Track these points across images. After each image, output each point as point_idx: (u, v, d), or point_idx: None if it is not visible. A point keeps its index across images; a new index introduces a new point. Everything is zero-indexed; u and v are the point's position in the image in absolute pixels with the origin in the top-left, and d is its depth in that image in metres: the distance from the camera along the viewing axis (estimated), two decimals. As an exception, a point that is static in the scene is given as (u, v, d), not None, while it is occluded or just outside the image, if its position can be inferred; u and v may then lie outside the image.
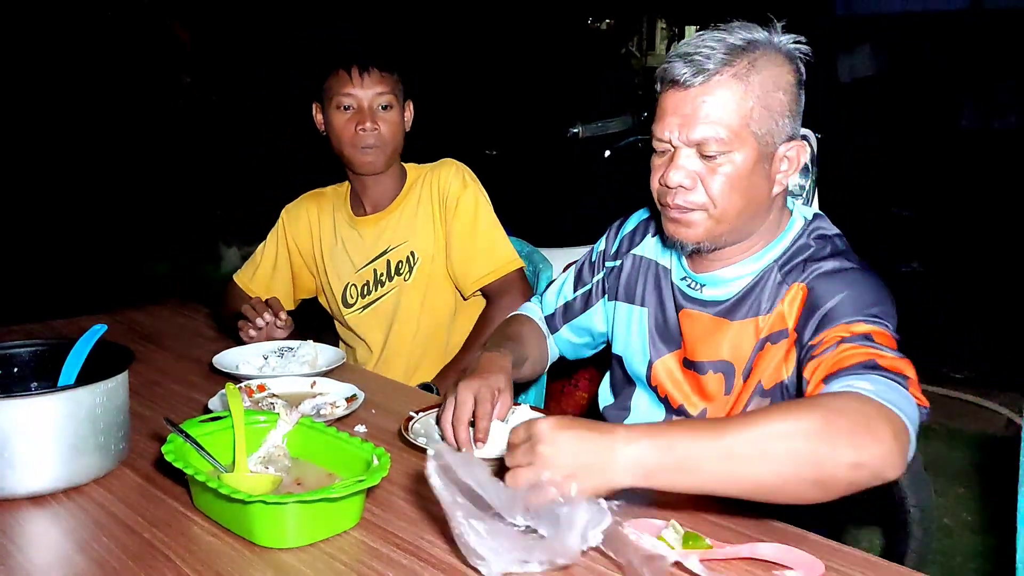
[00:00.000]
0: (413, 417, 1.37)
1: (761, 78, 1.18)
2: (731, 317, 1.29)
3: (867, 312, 1.13)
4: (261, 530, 1.02)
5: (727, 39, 1.19)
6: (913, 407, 1.00)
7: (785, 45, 1.22)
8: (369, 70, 1.86)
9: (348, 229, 2.00)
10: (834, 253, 1.24)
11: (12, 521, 1.10)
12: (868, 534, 2.59)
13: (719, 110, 1.18)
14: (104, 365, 1.24)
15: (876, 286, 1.18)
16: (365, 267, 1.97)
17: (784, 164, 1.24)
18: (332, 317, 2.12)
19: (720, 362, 1.30)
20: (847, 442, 0.93)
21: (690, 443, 0.94)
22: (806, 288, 1.21)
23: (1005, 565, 1.44)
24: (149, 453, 1.29)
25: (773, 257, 1.27)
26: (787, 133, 1.22)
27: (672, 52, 1.22)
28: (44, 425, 1.14)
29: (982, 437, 3.38)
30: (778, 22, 1.23)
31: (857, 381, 1.01)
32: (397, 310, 1.95)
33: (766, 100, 1.19)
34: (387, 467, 1.07)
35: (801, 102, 1.24)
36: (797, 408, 0.97)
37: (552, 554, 0.91)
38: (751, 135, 1.19)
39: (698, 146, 1.20)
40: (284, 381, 1.57)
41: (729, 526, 1.10)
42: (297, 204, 2.08)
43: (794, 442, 0.93)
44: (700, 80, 1.18)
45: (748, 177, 1.21)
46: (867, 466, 0.94)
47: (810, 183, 2.21)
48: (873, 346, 1.07)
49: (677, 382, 1.36)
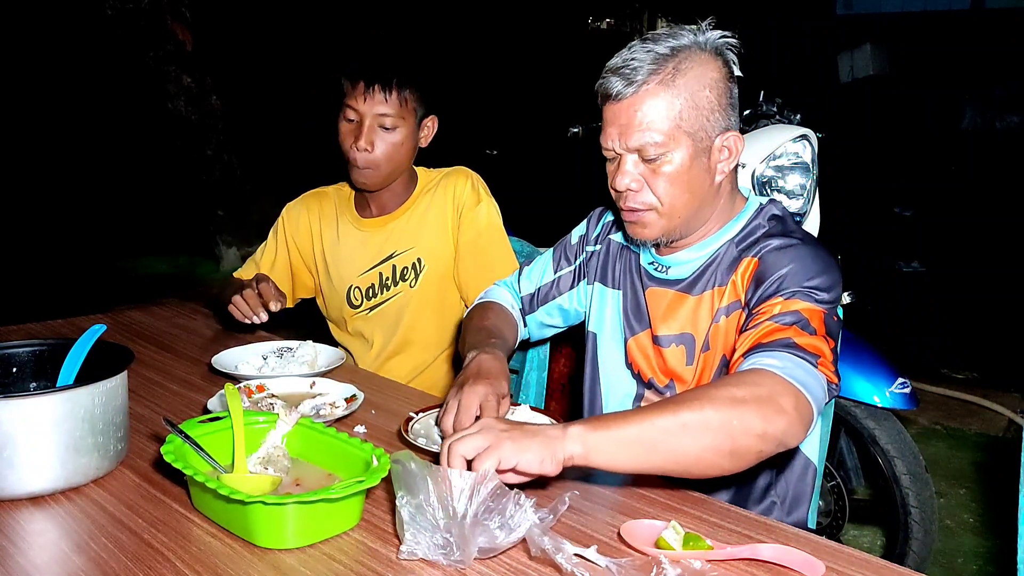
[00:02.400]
0: (413, 417, 1.37)
1: (686, 80, 1.27)
2: (691, 292, 1.38)
3: (806, 285, 1.23)
4: (260, 531, 1.02)
5: (654, 49, 1.28)
6: (819, 384, 1.14)
7: (712, 42, 1.30)
8: (375, 87, 1.81)
9: (353, 230, 1.98)
10: (786, 231, 1.33)
11: (11, 521, 1.09)
12: (868, 534, 2.59)
13: (651, 116, 1.27)
14: (103, 365, 1.24)
15: (820, 257, 1.27)
16: (370, 270, 1.95)
17: (724, 154, 1.32)
18: (326, 319, 2.09)
19: (681, 335, 1.39)
20: (754, 414, 1.06)
21: (622, 420, 1.07)
22: (757, 261, 1.31)
23: (1006, 566, 1.44)
24: (148, 453, 1.29)
25: (730, 236, 1.37)
26: (721, 126, 1.30)
27: (606, 67, 1.31)
28: (43, 425, 1.13)
29: (983, 438, 3.38)
30: (703, 21, 1.31)
31: (768, 359, 1.14)
32: (403, 315, 1.94)
33: (694, 100, 1.27)
34: (387, 468, 1.07)
35: (733, 94, 1.32)
36: (711, 387, 1.10)
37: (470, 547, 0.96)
38: (684, 134, 1.28)
39: (638, 151, 1.30)
40: (283, 381, 1.57)
41: (729, 526, 1.10)
42: (298, 203, 2.07)
43: (708, 415, 1.06)
44: (630, 92, 1.28)
45: (688, 172, 1.30)
46: (772, 436, 1.08)
47: (810, 183, 2.21)
48: (798, 325, 1.18)
49: (648, 358, 1.44)
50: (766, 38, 8.99)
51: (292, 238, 2.05)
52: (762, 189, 2.17)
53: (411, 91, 1.84)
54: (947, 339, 4.30)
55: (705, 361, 1.36)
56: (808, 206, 2.20)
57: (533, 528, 0.96)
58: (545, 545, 0.94)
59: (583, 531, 1.08)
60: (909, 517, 2.03)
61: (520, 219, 2.34)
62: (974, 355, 4.15)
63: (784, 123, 2.31)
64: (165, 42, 6.05)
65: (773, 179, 2.17)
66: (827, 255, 1.29)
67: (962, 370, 4.04)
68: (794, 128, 2.24)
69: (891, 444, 2.04)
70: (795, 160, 2.19)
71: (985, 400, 3.63)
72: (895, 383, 2.02)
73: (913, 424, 3.39)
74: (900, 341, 3.84)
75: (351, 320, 2.00)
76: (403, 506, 0.98)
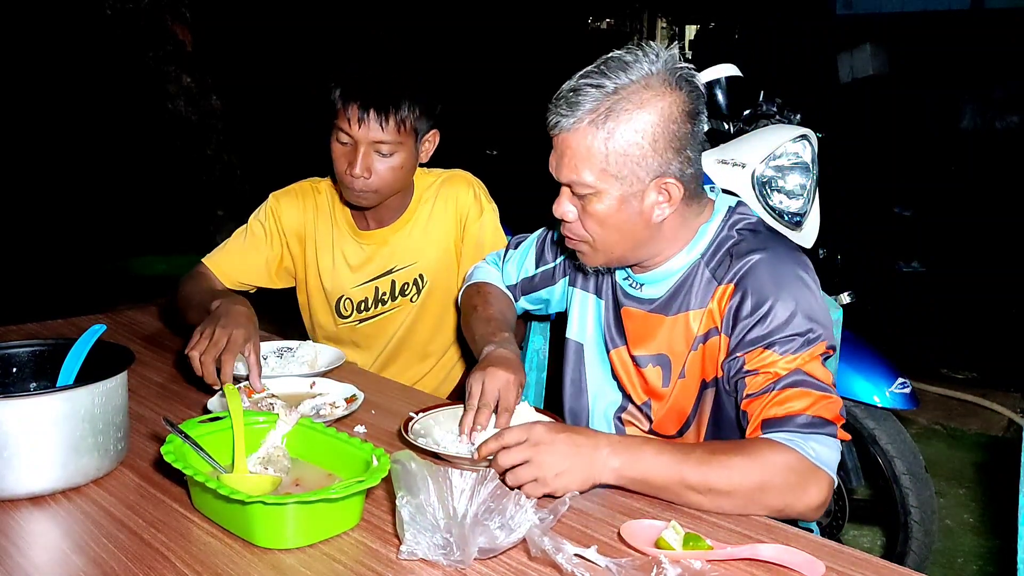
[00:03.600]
0: (413, 418, 1.37)
1: (618, 123, 1.21)
2: (665, 312, 1.36)
3: (798, 332, 1.20)
4: (260, 531, 1.02)
5: (600, 83, 1.22)
6: (836, 450, 1.17)
7: (668, 74, 1.23)
8: (369, 113, 1.65)
9: (350, 241, 1.89)
10: (757, 246, 1.29)
11: (11, 521, 1.09)
12: (868, 534, 2.59)
13: (578, 157, 1.24)
14: (103, 365, 1.24)
15: (801, 282, 1.24)
16: (366, 283, 1.89)
17: (661, 197, 1.26)
18: (304, 321, 2.01)
19: (658, 355, 1.38)
20: (779, 497, 1.12)
21: (655, 463, 1.12)
22: (733, 288, 1.27)
23: (1006, 566, 1.44)
24: (148, 453, 1.29)
25: (700, 251, 1.33)
26: (655, 171, 1.24)
27: (557, 92, 1.27)
28: (43, 425, 1.13)
29: (983, 438, 3.38)
30: (672, 48, 1.25)
31: (795, 437, 1.14)
32: (401, 329, 1.90)
33: (623, 146, 1.22)
34: (387, 468, 1.07)
35: (682, 133, 1.24)
36: (744, 458, 1.12)
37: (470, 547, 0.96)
38: (611, 178, 1.24)
39: (569, 187, 1.28)
40: (283, 381, 1.57)
41: (729, 526, 1.10)
42: (289, 196, 1.92)
43: (735, 485, 1.11)
44: (561, 129, 1.25)
45: (616, 215, 1.27)
46: (791, 513, 1.13)
47: (810, 183, 2.21)
48: (805, 386, 1.18)
49: (628, 373, 1.43)
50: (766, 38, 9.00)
51: (283, 232, 1.90)
52: (762, 189, 2.17)
53: (410, 112, 1.69)
54: (947, 339, 4.30)
55: (682, 387, 1.36)
56: (808, 206, 2.20)
57: (533, 528, 0.96)
58: (545, 545, 0.94)
59: (583, 531, 1.08)
60: (909, 517, 2.03)
61: (520, 219, 2.34)
62: (974, 355, 4.14)
63: (784, 123, 2.30)
64: (165, 42, 6.04)
65: (773, 179, 2.17)
66: (804, 271, 1.26)
67: (962, 370, 4.04)
68: (794, 128, 2.24)
69: (891, 444, 2.04)
70: (795, 160, 2.19)
71: (985, 400, 3.63)
72: (895, 383, 2.02)
73: (913, 424, 3.39)
74: (900, 341, 3.83)
75: (339, 330, 1.93)
76: (403, 506, 0.98)
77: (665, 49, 1.25)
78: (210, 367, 1.42)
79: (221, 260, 1.89)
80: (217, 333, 1.45)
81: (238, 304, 1.56)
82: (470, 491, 1.03)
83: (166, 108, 6.20)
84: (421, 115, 1.72)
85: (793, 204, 2.19)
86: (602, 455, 1.12)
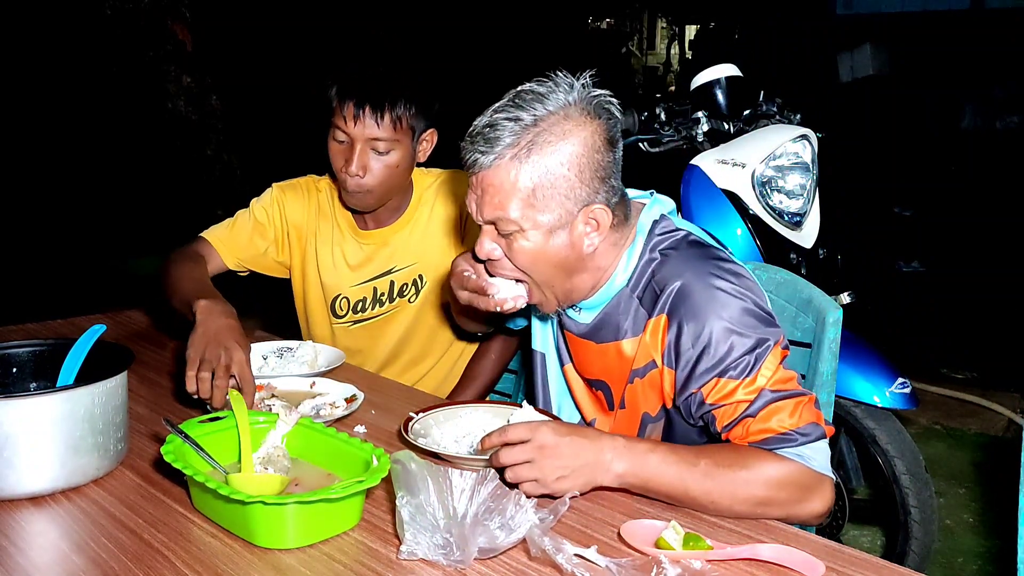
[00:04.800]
0: (413, 418, 1.37)
1: (542, 156, 1.17)
2: (595, 339, 1.34)
3: (747, 351, 1.16)
4: (260, 531, 1.02)
5: (516, 115, 1.18)
6: (827, 448, 1.17)
7: (585, 102, 1.20)
8: (365, 109, 1.65)
9: (350, 240, 1.88)
10: (678, 269, 1.24)
11: (11, 521, 1.10)
12: (868, 534, 2.59)
13: (501, 194, 1.19)
14: (103, 365, 1.24)
15: (724, 293, 1.20)
16: (364, 283, 1.88)
17: (589, 226, 1.23)
18: (298, 318, 1.99)
19: (596, 380, 1.38)
20: (782, 509, 1.13)
21: (662, 470, 1.12)
22: (667, 320, 1.23)
23: (1006, 566, 1.44)
24: (148, 453, 1.29)
25: (623, 281, 1.29)
26: (583, 200, 1.20)
27: (472, 126, 1.22)
28: (43, 425, 1.13)
29: (983, 438, 3.38)
30: (583, 77, 1.21)
31: (793, 450, 1.14)
32: (400, 329, 1.89)
33: (549, 178, 1.18)
34: (387, 468, 1.07)
35: (605, 161, 1.20)
36: (749, 472, 1.12)
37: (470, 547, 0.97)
38: (538, 212, 1.19)
39: (494, 224, 1.23)
40: (283, 381, 1.57)
41: (729, 526, 1.10)
42: (293, 189, 1.92)
43: (739, 500, 1.11)
44: (481, 167, 1.20)
45: (545, 249, 1.22)
46: (795, 521, 1.15)
47: (810, 183, 2.21)
48: (778, 401, 1.15)
49: (580, 390, 1.43)
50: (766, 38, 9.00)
51: (286, 222, 1.90)
52: (762, 189, 2.17)
53: (406, 109, 1.68)
54: (947, 339, 4.29)
55: (623, 417, 1.34)
56: (808, 206, 2.20)
57: (533, 528, 0.96)
58: (545, 545, 0.95)
59: (583, 531, 1.08)
60: (909, 517, 2.03)
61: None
62: (974, 355, 4.14)
63: (784, 123, 2.30)
64: (165, 42, 6.05)
65: (773, 179, 2.17)
66: (728, 277, 1.21)
67: (962, 370, 4.04)
68: (794, 128, 2.24)
69: (891, 444, 2.04)
70: (795, 160, 2.18)
71: (985, 400, 3.63)
72: (895, 383, 2.02)
73: (913, 424, 3.39)
74: (900, 341, 3.83)
75: (334, 332, 1.92)
76: (403, 506, 0.98)
77: (577, 78, 1.21)
78: (219, 392, 1.38)
79: (225, 238, 1.88)
80: (212, 357, 1.39)
81: (225, 317, 1.48)
82: (470, 491, 1.03)
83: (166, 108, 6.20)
84: (417, 113, 1.70)
85: (793, 204, 2.19)
86: (605, 459, 1.12)
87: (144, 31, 6.02)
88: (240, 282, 1.96)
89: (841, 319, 1.47)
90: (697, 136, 2.26)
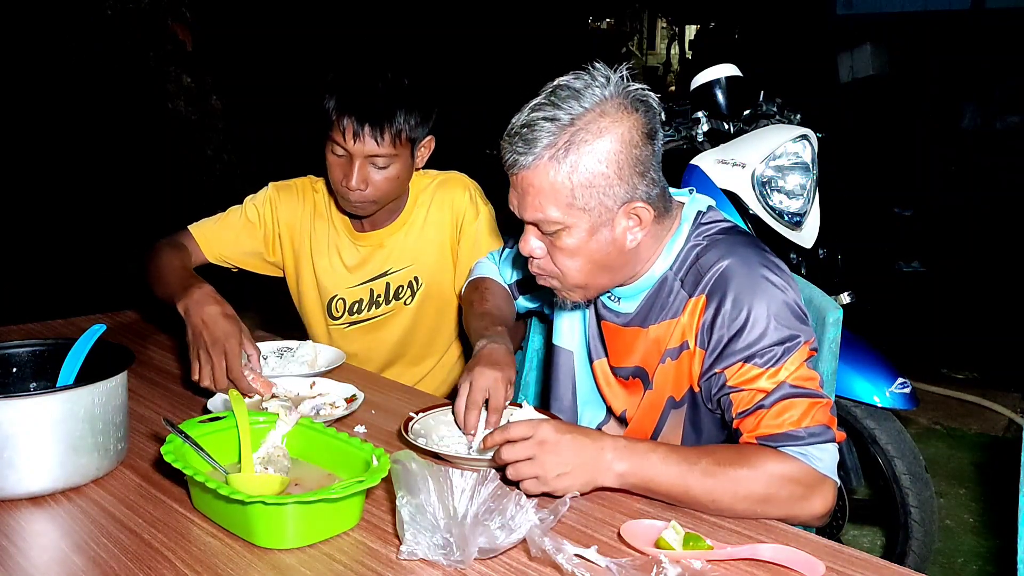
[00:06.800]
0: (413, 417, 1.37)
1: (580, 156, 1.17)
2: (642, 325, 1.34)
3: (777, 340, 1.17)
4: (260, 531, 1.02)
5: (554, 115, 1.18)
6: (836, 453, 1.17)
7: (624, 97, 1.19)
8: (364, 128, 1.63)
9: (346, 242, 1.88)
10: (723, 253, 1.25)
11: (11, 521, 1.10)
12: (868, 534, 2.59)
13: (541, 195, 1.20)
14: (103, 365, 1.24)
15: (769, 283, 1.21)
16: (360, 285, 1.88)
17: (631, 221, 1.23)
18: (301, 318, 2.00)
19: (635, 367, 1.37)
20: (783, 508, 1.13)
21: (663, 469, 1.12)
22: (705, 300, 1.24)
23: (1006, 566, 1.44)
24: (148, 454, 1.29)
25: (668, 264, 1.30)
26: (623, 197, 1.21)
27: (509, 126, 1.23)
28: (43, 425, 1.13)
29: (983, 438, 3.38)
30: (621, 70, 1.20)
31: (799, 449, 1.14)
32: (396, 332, 1.89)
33: (589, 177, 1.18)
34: (387, 468, 1.07)
35: (644, 156, 1.20)
36: (750, 471, 1.12)
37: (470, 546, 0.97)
38: (579, 211, 1.20)
39: (536, 225, 1.25)
40: (283, 381, 1.57)
41: (729, 526, 1.10)
42: (289, 191, 1.92)
43: (740, 499, 1.11)
44: (523, 167, 1.20)
45: (587, 246, 1.23)
46: (796, 522, 1.14)
47: (810, 183, 2.21)
48: (796, 397, 1.16)
49: (610, 385, 1.43)
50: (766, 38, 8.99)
51: (277, 223, 1.89)
52: (762, 189, 2.17)
53: (406, 124, 1.66)
54: (947, 339, 4.30)
55: (650, 400, 1.34)
56: (808, 206, 2.20)
57: (533, 528, 0.96)
58: (545, 545, 0.95)
59: (583, 531, 1.08)
60: (909, 517, 2.03)
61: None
62: (974, 355, 4.14)
63: (784, 123, 2.30)
64: (165, 42, 6.05)
65: (773, 179, 2.17)
66: (773, 271, 1.23)
67: (962, 370, 4.04)
68: (794, 128, 2.24)
69: (891, 444, 2.04)
70: (795, 160, 2.19)
71: (985, 400, 3.63)
72: (895, 383, 2.02)
73: (913, 424, 3.39)
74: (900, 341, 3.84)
75: (331, 333, 1.92)
76: (403, 506, 0.98)
77: (614, 71, 1.20)
78: (224, 384, 1.43)
79: (210, 232, 1.86)
80: (214, 355, 1.43)
81: (208, 304, 1.48)
82: (470, 491, 1.03)
83: (166, 108, 6.20)
84: (417, 125, 1.70)
85: (793, 204, 2.19)
86: (606, 458, 1.12)
87: (144, 31, 6.02)
88: (235, 279, 1.95)
89: (841, 319, 1.47)
90: (697, 136, 2.26)
